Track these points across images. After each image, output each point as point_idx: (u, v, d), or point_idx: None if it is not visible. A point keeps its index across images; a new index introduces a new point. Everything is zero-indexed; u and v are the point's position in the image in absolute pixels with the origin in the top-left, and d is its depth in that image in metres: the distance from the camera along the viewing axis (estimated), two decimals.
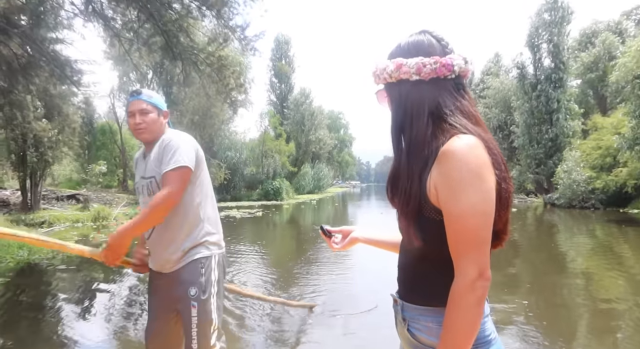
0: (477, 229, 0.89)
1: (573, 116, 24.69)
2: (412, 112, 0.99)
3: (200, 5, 8.18)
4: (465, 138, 0.91)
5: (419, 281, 1.03)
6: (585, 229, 13.97)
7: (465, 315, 0.89)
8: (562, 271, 7.20)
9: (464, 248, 0.89)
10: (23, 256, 7.56)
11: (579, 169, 21.17)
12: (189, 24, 8.30)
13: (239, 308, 4.78)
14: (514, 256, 8.47)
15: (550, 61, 24.73)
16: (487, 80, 34.37)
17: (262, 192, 30.62)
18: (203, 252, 2.00)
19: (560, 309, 4.93)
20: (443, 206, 0.92)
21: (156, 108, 2.05)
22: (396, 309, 1.10)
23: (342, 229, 1.39)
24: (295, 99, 39.56)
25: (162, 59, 8.66)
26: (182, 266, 1.99)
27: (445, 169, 0.90)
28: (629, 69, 14.40)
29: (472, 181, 0.88)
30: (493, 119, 31.06)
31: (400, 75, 1.01)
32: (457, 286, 0.90)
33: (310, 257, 8.07)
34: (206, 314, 1.94)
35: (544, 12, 24.69)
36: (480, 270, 0.89)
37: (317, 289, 5.66)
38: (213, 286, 1.98)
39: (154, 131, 2.03)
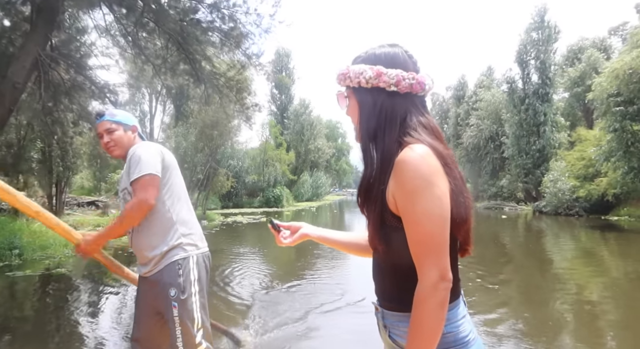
0: (434, 233, 0.91)
1: (559, 128, 26.15)
2: (386, 122, 1.01)
3: (223, 38, 9.48)
4: (416, 148, 0.95)
5: (393, 289, 1.05)
6: (570, 234, 15.02)
7: (429, 317, 0.91)
8: (548, 273, 7.82)
9: (423, 253, 0.92)
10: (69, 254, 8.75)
11: (564, 179, 22.51)
12: (212, 53, 9.59)
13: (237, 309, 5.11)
14: (504, 260, 9.42)
15: (538, 77, 26.24)
16: (480, 92, 35.85)
17: (264, 200, 31.79)
18: (180, 254, 2.04)
19: (546, 310, 5.23)
20: (401, 213, 0.95)
21: (121, 125, 2.15)
22: (377, 317, 1.11)
23: (291, 224, 1.38)
24: (295, 109, 40.96)
25: (187, 82, 9.91)
26: (160, 269, 2.04)
27: (400, 178, 0.93)
28: (604, 88, 15.80)
29: (425, 188, 0.91)
30: (485, 130, 32.50)
31: (378, 83, 1.03)
32: (420, 289, 0.92)
33: (314, 254, 9.28)
34: (188, 312, 1.98)
35: (532, 30, 26.25)
36: (441, 273, 0.91)
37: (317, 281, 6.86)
38: (193, 286, 2.02)
39: (123, 146, 2.15)
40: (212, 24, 9.38)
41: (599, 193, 20.66)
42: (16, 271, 7.06)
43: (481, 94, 35.55)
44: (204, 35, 9.44)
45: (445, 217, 0.93)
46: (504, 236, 15.25)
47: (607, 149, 16.66)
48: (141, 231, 2.06)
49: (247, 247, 10.70)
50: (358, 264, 7.81)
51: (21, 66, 7.85)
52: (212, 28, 9.32)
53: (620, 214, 20.11)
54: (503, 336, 4.22)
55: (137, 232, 2.08)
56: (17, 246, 7.99)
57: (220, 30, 9.45)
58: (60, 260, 8.20)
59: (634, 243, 12.19)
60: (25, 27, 8.34)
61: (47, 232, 9.82)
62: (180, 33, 8.95)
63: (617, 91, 15.32)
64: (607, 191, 19.73)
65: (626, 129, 15.43)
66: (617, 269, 8.49)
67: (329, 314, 4.89)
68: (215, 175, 19.77)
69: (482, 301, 5.55)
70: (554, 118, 25.99)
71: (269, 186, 32.69)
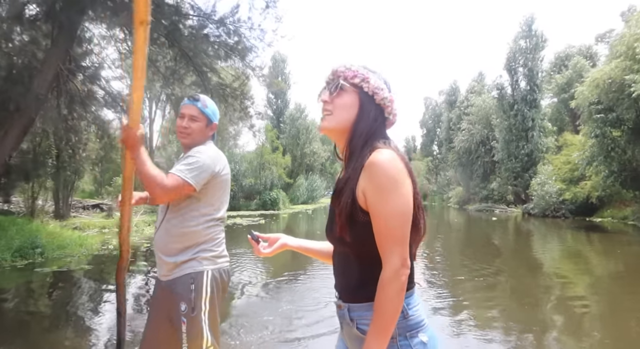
0: (400, 226, 1.04)
1: (547, 133, 27.12)
2: (373, 139, 1.15)
3: (228, 51, 10.18)
4: (385, 152, 1.08)
5: (360, 280, 1.13)
6: (557, 235, 15.79)
7: (392, 299, 1.03)
8: (535, 271, 8.28)
9: (389, 243, 1.04)
10: (85, 253, 9.39)
11: (551, 182, 23.43)
12: (218, 65, 10.29)
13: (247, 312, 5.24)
14: (494, 257, 10.04)
15: (526, 84, 27.26)
16: (471, 98, 36.84)
17: (260, 203, 32.40)
18: (195, 267, 1.98)
19: (533, 305, 5.55)
20: (371, 208, 1.07)
21: (206, 118, 2.10)
22: (341, 314, 1.17)
23: (269, 236, 1.44)
24: (291, 114, 41.71)
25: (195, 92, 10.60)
26: (174, 278, 2.00)
27: (371, 177, 1.06)
28: (585, 96, 16.69)
29: (393, 187, 1.04)
30: (476, 135, 33.47)
31: (385, 106, 1.19)
32: (385, 275, 1.04)
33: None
34: (196, 330, 1.92)
35: (520, 39, 27.27)
36: (403, 261, 1.04)
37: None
38: (204, 303, 1.95)
39: (196, 139, 2.08)
40: (218, 39, 10.07)
41: (584, 196, 21.60)
42: (43, 268, 7.70)
43: (472, 99, 36.56)
44: (211, 48, 10.13)
45: (409, 214, 1.07)
46: (493, 237, 16.02)
47: (589, 154, 17.55)
48: (170, 231, 2.01)
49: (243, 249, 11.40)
50: None
51: (44, 79, 8.50)
52: (219, 42, 10.01)
53: (604, 216, 21.04)
54: (492, 330, 4.47)
55: (163, 231, 2.03)
56: (38, 245, 8.62)
57: (226, 45, 10.14)
58: (79, 258, 8.84)
59: (616, 243, 12.85)
60: (46, 42, 8.98)
61: (63, 233, 10.47)
62: (189, 47, 9.64)
63: (597, 99, 16.22)
64: (591, 193, 20.65)
65: (606, 135, 16.32)
66: (600, 267, 9.04)
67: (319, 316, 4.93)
68: None
69: (472, 297, 5.96)
70: (542, 123, 26.98)
71: (265, 189, 33.32)
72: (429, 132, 58.21)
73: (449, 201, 43.05)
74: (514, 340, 4.25)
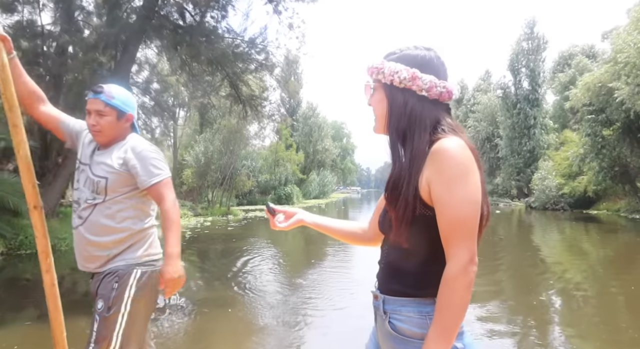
0: (469, 218, 0.96)
1: (548, 130, 28.54)
2: (416, 123, 1.05)
3: (258, 67, 11.95)
4: (453, 139, 1.00)
5: (402, 274, 1.07)
6: (556, 227, 16.61)
7: (459, 297, 0.94)
8: (536, 260, 8.65)
9: (457, 236, 0.95)
10: None
11: (551, 177, 24.87)
12: (249, 79, 12.08)
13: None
14: (496, 247, 10.45)
15: (528, 84, 28.69)
16: (477, 96, 38.22)
17: (275, 197, 34.24)
18: (121, 266, 1.80)
19: (533, 290, 5.82)
20: (436, 199, 0.98)
21: (115, 110, 1.82)
22: (377, 305, 1.13)
23: (287, 210, 1.40)
24: (304, 112, 43.48)
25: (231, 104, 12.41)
26: (102, 272, 1.82)
27: (439, 165, 0.97)
28: (578, 98, 18.19)
29: (463, 175, 0.96)
30: (482, 132, 34.91)
31: (411, 86, 1.06)
32: (452, 270, 0.95)
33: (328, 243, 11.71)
34: (107, 331, 1.72)
35: (523, 41, 28.66)
36: (471, 255, 0.95)
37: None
38: (124, 305, 1.74)
39: (111, 135, 1.84)
40: (249, 56, 11.83)
41: (581, 190, 23.01)
42: None
43: (479, 97, 37.91)
44: (243, 64, 11.90)
45: (479, 204, 0.98)
46: (497, 228, 17.37)
47: (582, 151, 19.06)
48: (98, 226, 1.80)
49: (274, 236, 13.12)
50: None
51: None
52: (250, 59, 11.77)
53: (600, 208, 22.51)
54: (494, 315, 4.63)
55: (93, 222, 1.81)
56: None
57: (256, 61, 11.90)
58: None
59: (610, 234, 13.84)
60: (110, 64, 10.82)
61: None
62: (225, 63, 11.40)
63: (589, 101, 17.71)
64: (588, 187, 22.07)
65: (598, 134, 17.82)
66: (596, 255, 9.66)
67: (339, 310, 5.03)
68: (237, 175, 22.30)
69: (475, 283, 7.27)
70: (543, 121, 28.42)
71: (280, 185, 35.17)
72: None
73: None
74: (514, 322, 4.43)
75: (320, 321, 4.60)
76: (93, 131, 1.84)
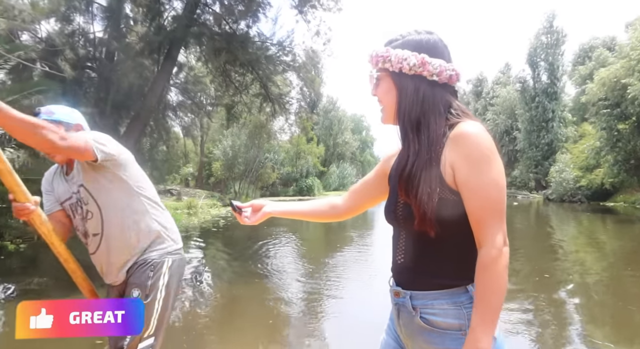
0: (499, 200, 0.95)
1: (566, 123, 28.81)
2: (430, 110, 1.03)
3: (286, 67, 12.93)
4: (474, 123, 0.99)
5: (431, 266, 1.03)
6: (573, 218, 17.02)
7: (499, 280, 0.92)
8: (554, 251, 8.70)
9: (489, 218, 0.94)
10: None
11: (568, 170, 25.27)
12: (278, 79, 13.09)
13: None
14: (516, 240, 10.48)
15: (547, 77, 28.94)
16: (497, 89, 38.45)
17: (297, 189, 35.43)
18: (154, 256, 1.90)
19: (550, 281, 5.85)
20: (463, 183, 0.96)
21: (61, 124, 1.79)
22: (401, 302, 1.08)
23: (252, 203, 1.37)
24: (324, 106, 44.35)
25: (261, 103, 13.47)
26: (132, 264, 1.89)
27: (464, 149, 0.96)
28: (594, 93, 18.64)
29: (490, 158, 0.95)
30: (500, 125, 35.25)
31: (421, 72, 1.04)
32: (487, 254, 0.94)
33: (348, 228, 12.72)
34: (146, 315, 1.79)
35: (542, 35, 28.88)
36: (504, 237, 0.95)
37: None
38: (159, 291, 1.86)
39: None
40: (279, 58, 12.82)
41: (598, 182, 23.39)
42: None
43: (498, 90, 38.14)
44: (272, 65, 12.89)
45: (505, 187, 0.97)
46: (515, 220, 17.24)
47: (598, 144, 19.53)
48: (117, 229, 1.84)
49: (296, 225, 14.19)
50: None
51: (154, 95, 11.50)
52: (280, 61, 12.75)
53: (617, 200, 22.82)
54: (511, 306, 4.56)
55: (109, 233, 1.85)
56: None
57: (284, 62, 12.88)
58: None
59: (627, 225, 14.14)
60: (155, 67, 11.96)
61: None
62: (258, 66, 12.42)
63: (605, 96, 18.15)
64: (604, 180, 22.46)
65: (613, 128, 18.27)
66: (612, 246, 9.73)
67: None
68: (262, 167, 23.47)
69: None
70: (562, 115, 28.70)
71: (301, 177, 36.28)
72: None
73: None
74: (536, 316, 4.36)
75: (340, 306, 4.79)
76: (50, 155, 1.84)
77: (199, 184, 26.35)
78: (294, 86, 13.79)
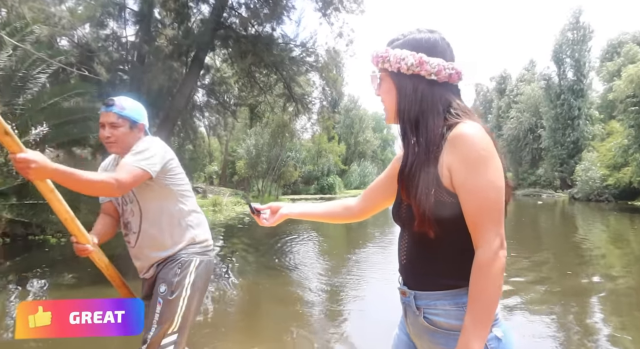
0: (496, 202, 0.94)
1: (593, 121, 28.23)
2: (429, 109, 1.03)
3: (309, 68, 13.21)
4: (471, 123, 0.98)
5: (433, 267, 1.04)
6: (600, 218, 16.66)
7: (493, 283, 0.93)
8: (580, 250, 8.58)
9: (486, 220, 0.94)
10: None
11: (595, 168, 24.79)
12: (301, 79, 13.39)
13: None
14: (542, 237, 11.08)
15: (573, 74, 28.41)
16: (521, 86, 37.87)
17: (318, 187, 35.73)
18: (183, 254, 1.96)
19: (575, 279, 5.78)
20: (461, 185, 0.96)
21: (128, 120, 1.91)
22: (407, 301, 1.10)
23: (270, 205, 1.40)
24: (345, 105, 44.52)
25: (284, 103, 13.82)
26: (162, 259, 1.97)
27: (460, 151, 0.96)
28: (622, 90, 18.30)
29: (487, 159, 0.95)
30: (524, 123, 34.76)
31: (419, 71, 1.04)
32: (483, 256, 0.94)
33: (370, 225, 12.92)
34: (169, 313, 1.88)
35: (567, 31, 28.36)
36: (501, 240, 0.94)
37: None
38: (185, 289, 1.91)
39: (125, 144, 1.91)
40: (302, 59, 13.10)
41: (626, 181, 22.88)
42: None
43: (522, 87, 37.57)
44: (296, 66, 13.19)
45: (503, 188, 0.97)
46: (539, 219, 17.37)
47: (626, 142, 19.16)
48: (154, 230, 1.94)
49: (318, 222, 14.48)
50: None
51: (183, 96, 11.95)
52: (303, 62, 13.04)
53: None
54: (536, 303, 4.59)
55: (146, 232, 1.95)
56: None
57: (307, 63, 13.17)
58: None
59: None
60: (183, 69, 12.41)
61: None
62: (280, 65, 12.74)
63: (633, 93, 17.81)
64: (632, 179, 21.97)
65: None
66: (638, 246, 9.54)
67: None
68: (284, 166, 23.87)
69: (518, 270, 6.26)
70: (588, 112, 28.13)
71: (322, 175, 36.55)
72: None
73: None
74: (561, 315, 4.33)
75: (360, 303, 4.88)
76: (107, 143, 1.92)
77: (222, 182, 27.02)
78: (316, 86, 14.05)
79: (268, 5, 11.42)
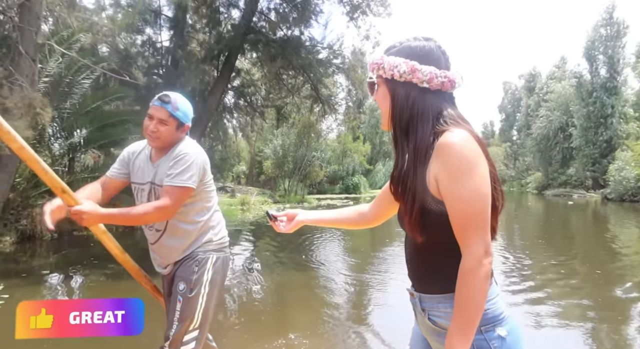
0: (480, 210, 0.96)
1: (627, 119, 27.39)
2: (419, 116, 1.05)
3: (336, 69, 13.45)
4: (458, 132, 0.99)
5: (431, 271, 1.07)
6: (635, 219, 15.91)
7: (475, 290, 0.95)
8: (614, 253, 8.39)
9: (469, 228, 0.96)
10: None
11: (629, 168, 24.08)
12: (328, 81, 13.63)
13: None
14: (573, 238, 10.90)
15: (606, 71, 27.61)
16: (551, 84, 37.02)
17: (343, 187, 35.90)
18: (200, 252, 2.01)
19: (607, 283, 5.66)
20: (445, 193, 0.98)
21: (177, 121, 1.94)
22: (414, 302, 1.14)
23: (287, 213, 1.44)
24: (370, 104, 44.47)
25: (311, 104, 14.11)
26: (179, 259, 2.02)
27: (444, 160, 0.98)
28: None
29: (470, 168, 0.96)
30: (554, 121, 33.98)
31: (411, 79, 1.06)
32: (467, 263, 0.96)
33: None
34: (189, 311, 1.92)
35: (600, 27, 27.59)
36: (486, 247, 0.96)
37: None
38: (203, 286, 1.96)
39: (167, 142, 1.96)
40: (330, 61, 13.35)
41: None
42: None
43: (552, 85, 36.71)
44: (323, 68, 13.45)
45: (488, 195, 0.98)
46: (570, 220, 16.89)
47: None
48: (179, 229, 2.00)
49: None
50: None
51: (214, 98, 12.38)
52: (330, 63, 13.29)
53: None
54: (567, 308, 4.54)
55: (171, 230, 2.00)
56: None
57: (334, 65, 13.41)
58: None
59: None
60: (214, 72, 12.85)
61: None
62: (307, 67, 13.02)
63: None
64: None
65: None
66: None
67: None
68: (310, 166, 24.19)
69: (547, 272, 6.30)
70: (622, 110, 27.31)
71: (348, 175, 36.70)
72: (507, 117, 57.38)
73: (527, 186, 43.53)
74: (592, 320, 4.25)
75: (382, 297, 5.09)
76: (151, 136, 1.94)
77: (250, 181, 27.60)
78: (342, 87, 14.28)
79: (297, 9, 11.71)
